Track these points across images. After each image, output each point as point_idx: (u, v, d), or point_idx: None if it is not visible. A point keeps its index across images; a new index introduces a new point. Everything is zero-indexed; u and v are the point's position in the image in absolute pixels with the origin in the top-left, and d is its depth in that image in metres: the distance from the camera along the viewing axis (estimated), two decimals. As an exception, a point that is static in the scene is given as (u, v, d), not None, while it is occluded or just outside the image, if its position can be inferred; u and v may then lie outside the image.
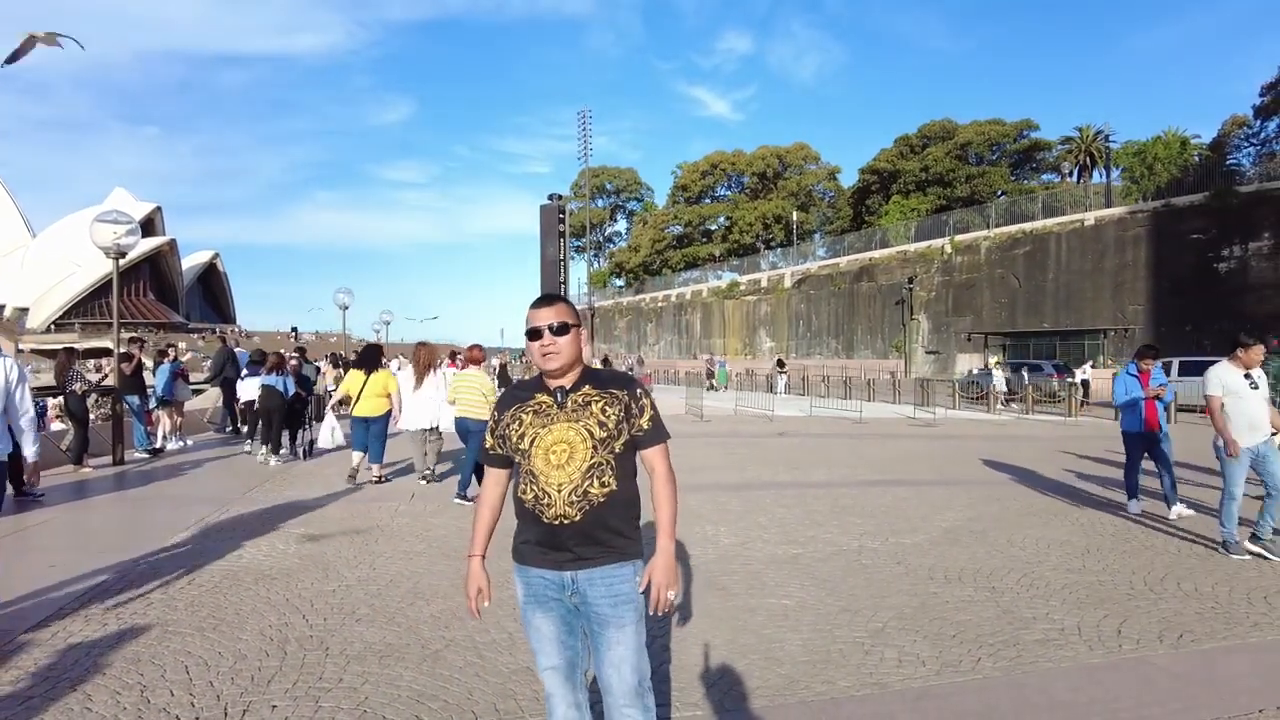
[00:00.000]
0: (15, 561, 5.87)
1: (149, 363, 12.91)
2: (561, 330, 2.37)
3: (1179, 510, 7.24)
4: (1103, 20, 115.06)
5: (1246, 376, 6.12)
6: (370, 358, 9.67)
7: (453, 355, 11.85)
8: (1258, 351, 6.09)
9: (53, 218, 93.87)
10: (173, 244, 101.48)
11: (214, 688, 3.56)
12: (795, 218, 66.16)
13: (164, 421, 12.44)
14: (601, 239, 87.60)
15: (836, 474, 10.38)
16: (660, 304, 66.69)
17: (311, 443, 11.75)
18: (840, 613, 4.67)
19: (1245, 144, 47.83)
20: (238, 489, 8.87)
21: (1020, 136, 60.24)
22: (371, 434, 9.19)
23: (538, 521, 2.32)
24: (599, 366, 26.14)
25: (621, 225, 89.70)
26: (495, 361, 28.02)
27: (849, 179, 71.81)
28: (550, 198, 17.14)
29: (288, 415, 11.32)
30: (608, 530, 2.33)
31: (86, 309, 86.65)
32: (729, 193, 77.07)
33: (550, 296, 2.49)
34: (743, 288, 58.25)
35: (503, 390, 2.68)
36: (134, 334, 16.20)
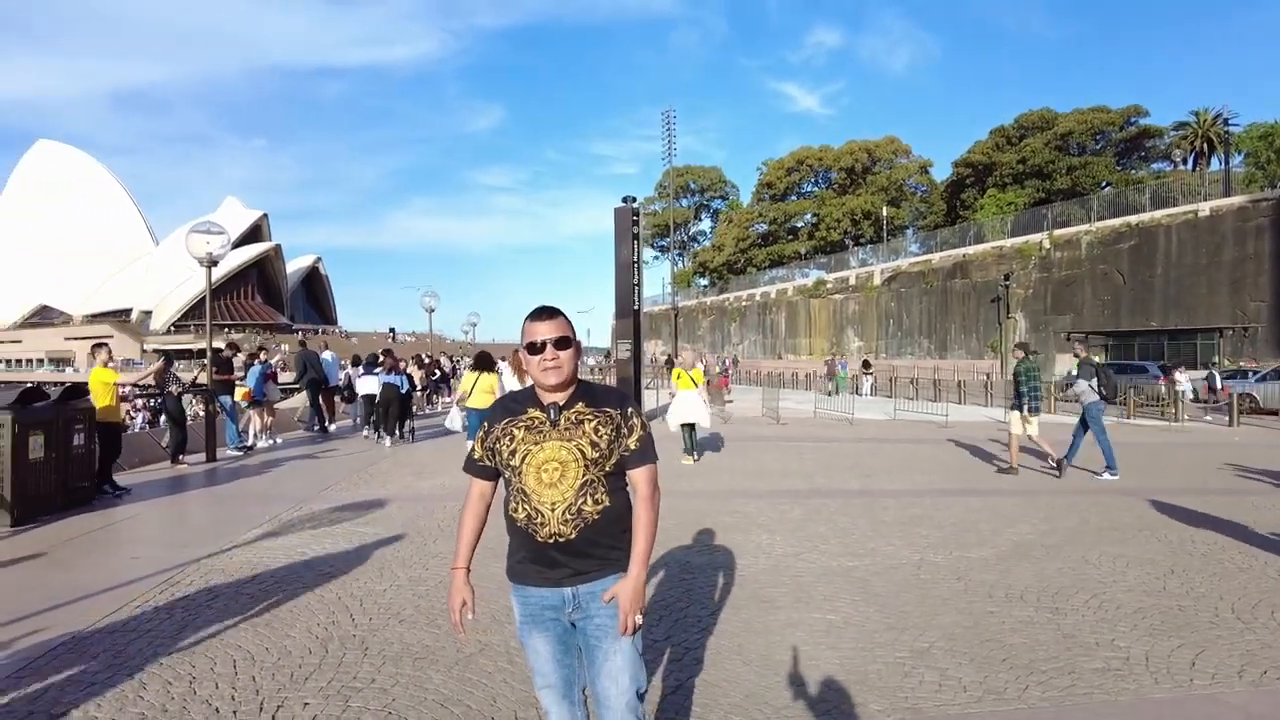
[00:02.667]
0: (103, 554, 6.29)
1: (239, 364, 13.58)
2: (562, 344, 2.34)
3: None
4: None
5: None
6: (485, 361, 11.12)
7: (512, 354, 12.63)
8: None
9: (173, 226, 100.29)
10: (278, 249, 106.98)
11: (255, 682, 3.71)
12: (885, 213, 64.42)
13: (255, 421, 13.10)
14: (685, 239, 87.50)
15: (910, 482, 10.03)
16: (744, 303, 66.09)
17: (413, 430, 14.53)
18: (886, 631, 4.50)
19: (1388, 124, 43.68)
20: (315, 487, 9.26)
21: (1127, 124, 56.97)
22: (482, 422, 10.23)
23: (531, 540, 2.29)
24: (664, 363, 25.82)
25: (706, 224, 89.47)
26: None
27: (942, 173, 69.60)
28: (624, 199, 17.16)
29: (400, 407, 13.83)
30: (603, 545, 2.32)
31: (202, 311, 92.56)
32: (816, 189, 75.70)
33: (550, 310, 2.46)
34: (830, 286, 57.09)
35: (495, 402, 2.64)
36: (230, 339, 17.08)
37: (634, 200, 17.15)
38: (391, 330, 53.52)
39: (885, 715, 3.46)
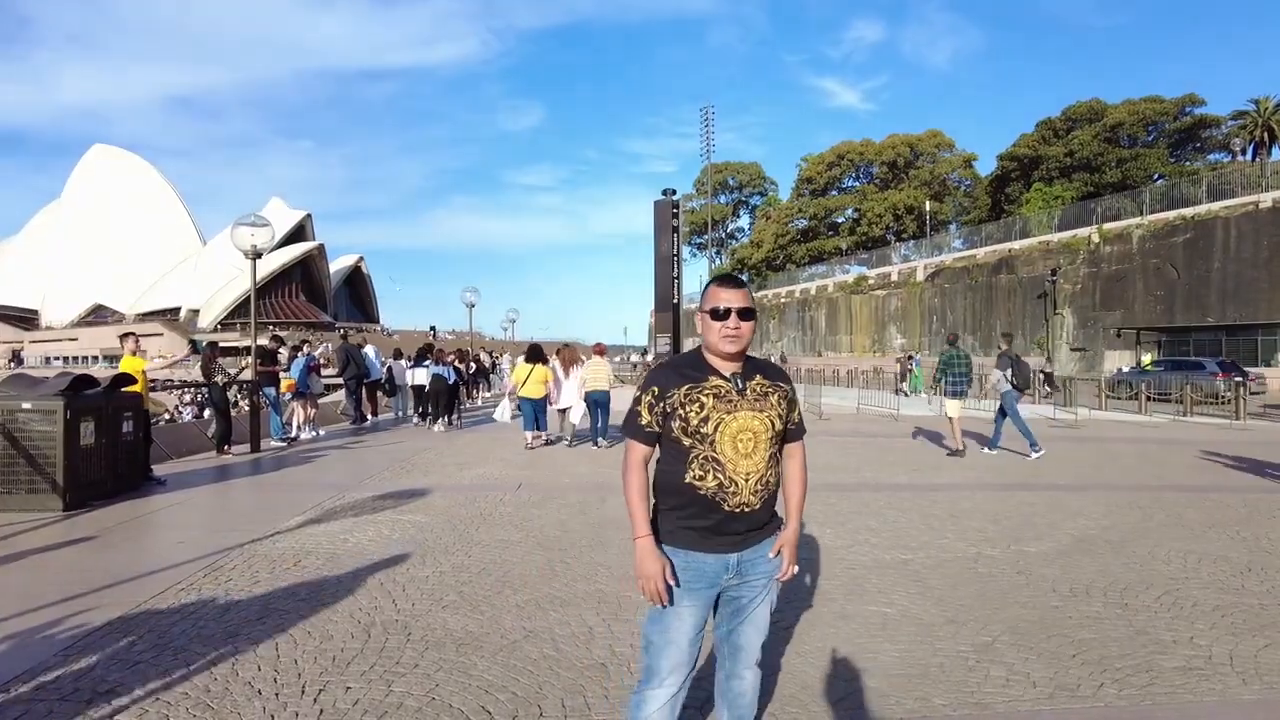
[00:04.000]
0: (150, 538, 6.33)
1: (283, 357, 13.73)
2: (746, 315, 2.36)
3: None
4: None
5: None
6: (537, 354, 12.45)
7: (556, 352, 13.50)
8: None
9: (220, 227, 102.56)
10: (321, 248, 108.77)
11: (297, 665, 3.65)
12: (928, 208, 63.31)
13: (298, 413, 13.23)
14: (724, 235, 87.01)
15: (959, 477, 9.74)
16: (783, 300, 65.51)
17: (460, 418, 15.82)
18: (946, 624, 4.30)
19: None
20: (359, 476, 9.28)
21: (1181, 114, 55.08)
22: (536, 409, 12.19)
23: (715, 509, 2.30)
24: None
25: (744, 221, 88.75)
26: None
27: (986, 166, 68.11)
28: (664, 193, 17.01)
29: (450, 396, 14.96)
30: (771, 513, 2.43)
31: (247, 310, 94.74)
32: (856, 184, 74.65)
33: (736, 279, 2.46)
34: (871, 282, 56.28)
35: (656, 366, 2.59)
36: (274, 333, 17.32)
37: (674, 193, 16.99)
38: (432, 328, 54.02)
39: (950, 710, 3.27)
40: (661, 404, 2.33)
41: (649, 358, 38.06)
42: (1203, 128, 55.03)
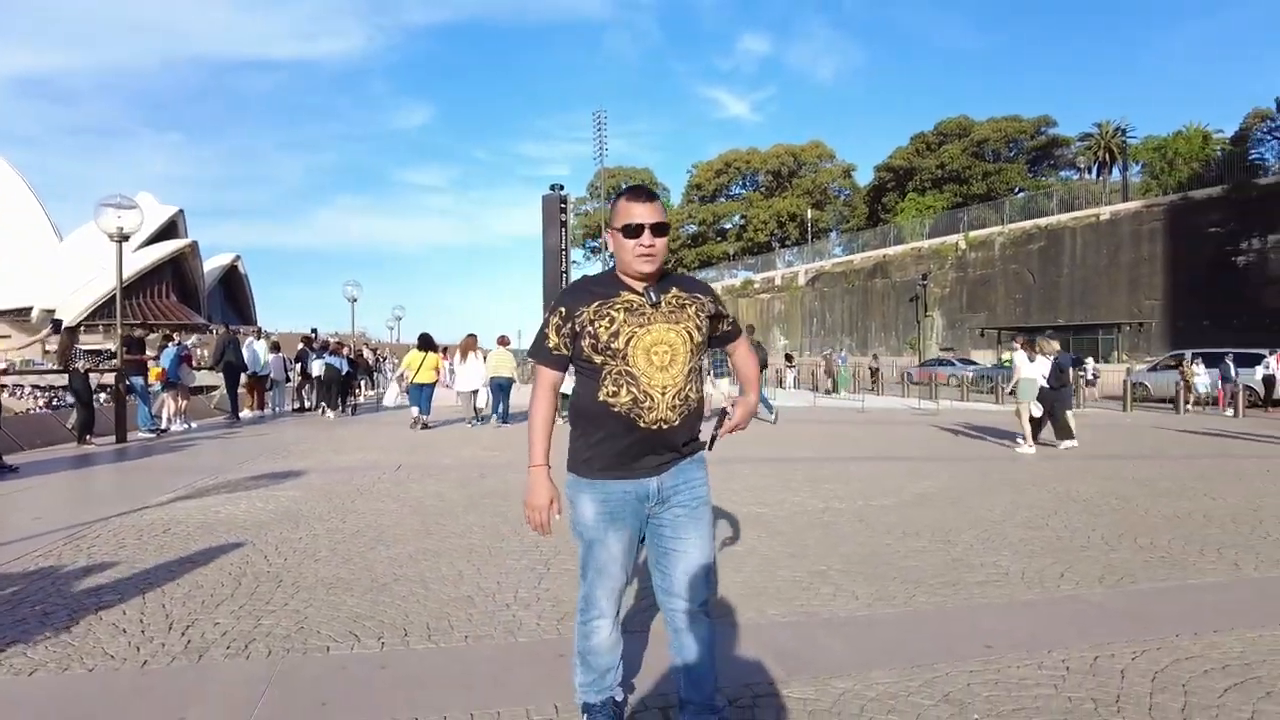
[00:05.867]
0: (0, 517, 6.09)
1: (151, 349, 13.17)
2: (660, 230, 2.18)
3: None
4: (1124, 16, 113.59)
5: None
6: (428, 342, 13.62)
7: (445, 349, 15.20)
8: None
9: (78, 223, 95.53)
10: (194, 246, 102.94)
11: (165, 609, 3.71)
12: (810, 215, 65.98)
13: (169, 404, 12.72)
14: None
15: (822, 451, 10.43)
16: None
17: (355, 406, 17.04)
18: (787, 558, 4.75)
19: (1268, 137, 47.03)
20: (233, 461, 9.08)
21: (1038, 133, 59.72)
22: (424, 395, 13.15)
23: (630, 428, 2.17)
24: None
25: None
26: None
27: (864, 177, 71.55)
28: (552, 187, 17.27)
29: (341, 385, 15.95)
30: (691, 433, 2.28)
31: (111, 310, 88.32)
32: (744, 191, 76.94)
33: (648, 190, 2.27)
34: (757, 286, 58.23)
35: (565, 287, 2.44)
36: (141, 321, 16.53)
37: (561, 188, 17.29)
38: (314, 330, 52.27)
39: (782, 618, 3.68)
40: (570, 324, 2.20)
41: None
42: (1055, 146, 59.81)
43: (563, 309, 2.23)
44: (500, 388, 13.73)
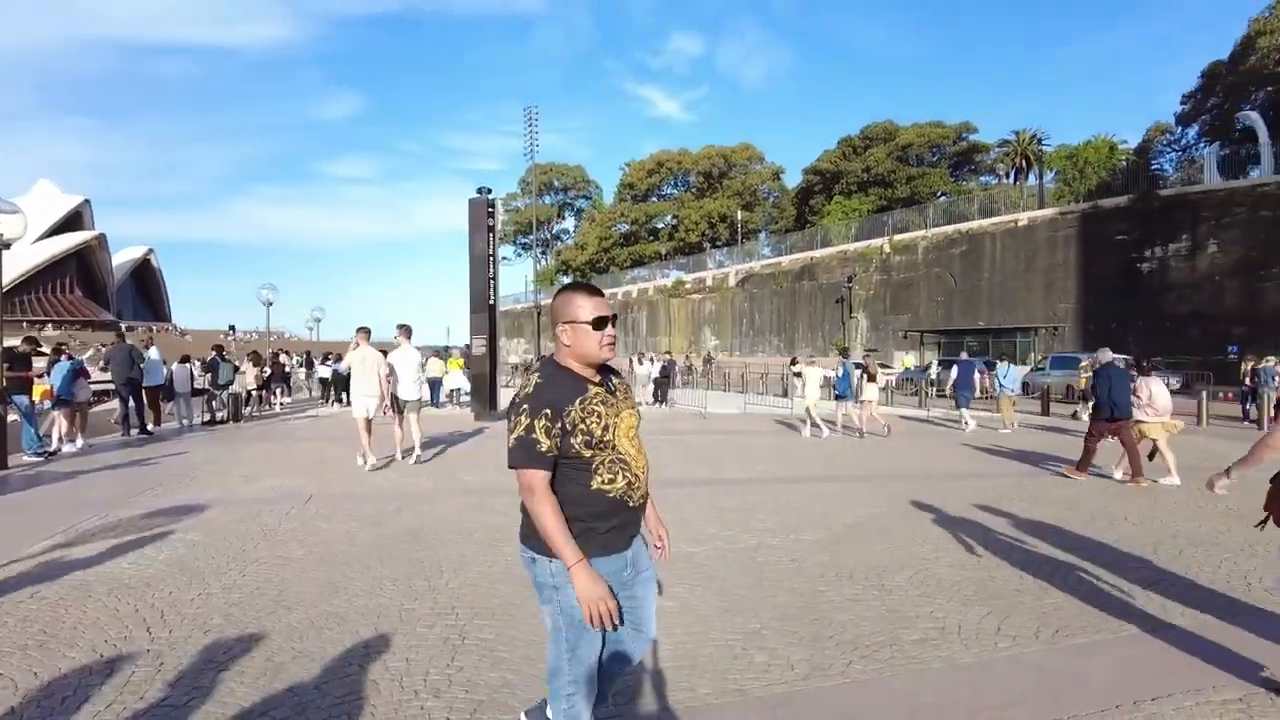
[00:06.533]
0: None
1: (41, 362, 12.21)
2: (614, 322, 2.45)
3: None
4: (1041, 28, 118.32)
5: None
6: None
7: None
8: None
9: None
10: (102, 239, 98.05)
11: (15, 714, 3.25)
12: (740, 217, 66.57)
13: (60, 423, 11.80)
14: (549, 236, 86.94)
15: (755, 471, 10.30)
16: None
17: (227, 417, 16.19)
18: (720, 614, 4.54)
19: (1168, 149, 49.58)
20: (127, 492, 8.39)
21: (960, 139, 61.52)
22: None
23: (621, 508, 2.38)
24: (537, 366, 25.69)
25: (570, 223, 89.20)
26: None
27: (793, 179, 72.61)
28: (479, 190, 16.73)
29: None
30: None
31: (6, 307, 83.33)
32: (675, 191, 77.21)
33: (596, 288, 2.51)
34: (688, 286, 58.40)
35: (534, 387, 2.33)
36: (28, 334, 15.37)
37: (489, 191, 16.76)
38: (231, 327, 49.79)
39: (713, 698, 3.45)
40: (559, 423, 2.26)
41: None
42: (976, 152, 61.76)
43: (548, 410, 2.27)
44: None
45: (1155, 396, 9.38)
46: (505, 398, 20.51)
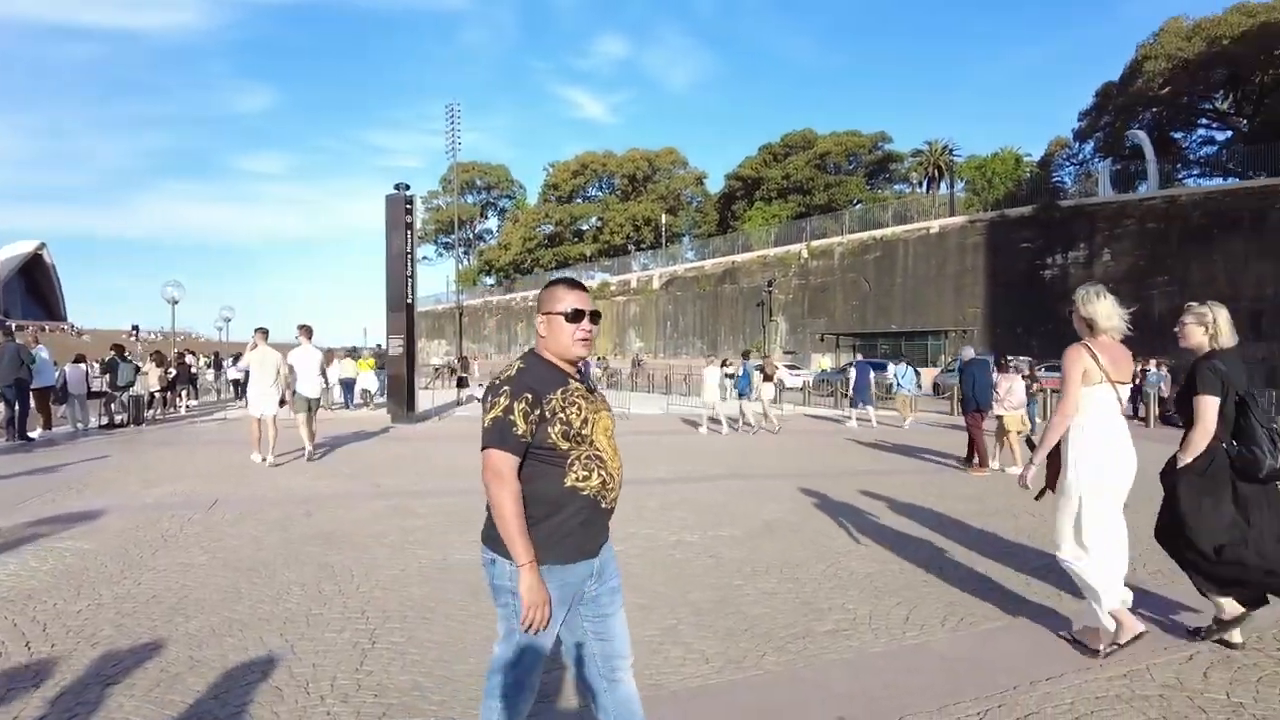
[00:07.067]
0: None
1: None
2: (596, 318, 2.38)
3: None
4: (953, 43, 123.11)
5: None
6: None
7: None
8: None
9: None
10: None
11: (-127, 735, 3.00)
12: (664, 220, 67.04)
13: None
14: (472, 236, 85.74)
15: (677, 469, 10.37)
16: (531, 303, 65.83)
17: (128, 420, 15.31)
18: (638, 610, 4.53)
19: (1067, 163, 52.25)
20: (10, 501, 7.84)
21: (875, 148, 63.47)
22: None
23: (594, 509, 2.28)
24: (460, 366, 25.28)
25: (493, 223, 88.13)
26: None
27: (716, 184, 73.55)
28: (397, 187, 16.34)
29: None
30: None
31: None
32: (600, 193, 77.19)
33: (580, 282, 2.45)
34: (613, 288, 58.48)
35: (516, 371, 2.30)
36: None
37: (407, 187, 16.39)
38: (135, 327, 47.01)
39: (629, 693, 3.44)
40: (539, 410, 2.20)
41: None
42: (890, 161, 63.86)
43: (529, 394, 2.21)
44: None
45: (1012, 391, 10.36)
46: (424, 400, 20.13)
